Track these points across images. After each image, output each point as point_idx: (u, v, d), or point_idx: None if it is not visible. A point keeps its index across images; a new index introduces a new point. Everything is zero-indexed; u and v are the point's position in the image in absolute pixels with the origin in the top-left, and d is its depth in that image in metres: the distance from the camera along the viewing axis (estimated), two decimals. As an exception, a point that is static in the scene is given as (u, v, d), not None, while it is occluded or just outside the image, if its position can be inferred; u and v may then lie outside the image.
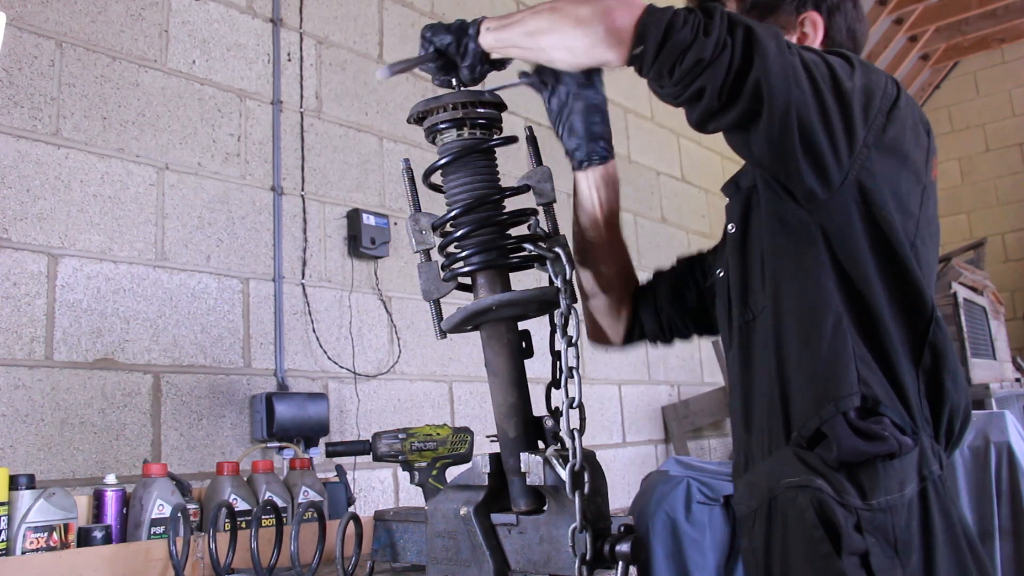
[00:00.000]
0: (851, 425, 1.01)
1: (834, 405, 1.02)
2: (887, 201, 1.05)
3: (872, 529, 1.00)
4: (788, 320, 1.10)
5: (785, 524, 1.06)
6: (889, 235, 1.05)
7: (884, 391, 1.03)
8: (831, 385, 1.04)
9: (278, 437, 2.23)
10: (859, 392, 1.02)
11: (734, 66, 0.95)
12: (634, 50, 0.99)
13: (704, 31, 0.96)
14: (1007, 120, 6.75)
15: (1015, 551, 2.48)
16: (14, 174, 1.93)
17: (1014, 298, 6.45)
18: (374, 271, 2.68)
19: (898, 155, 1.07)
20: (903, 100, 1.08)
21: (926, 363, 1.06)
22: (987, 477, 2.53)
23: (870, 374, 1.03)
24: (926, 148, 1.13)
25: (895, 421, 1.02)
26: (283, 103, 2.52)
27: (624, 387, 3.68)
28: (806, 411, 1.05)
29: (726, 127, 1.01)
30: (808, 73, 0.99)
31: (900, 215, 1.07)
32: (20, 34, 1.99)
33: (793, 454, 1.06)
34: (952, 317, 3.91)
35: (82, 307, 2.00)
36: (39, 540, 1.54)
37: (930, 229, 1.12)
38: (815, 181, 1.03)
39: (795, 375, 1.08)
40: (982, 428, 2.60)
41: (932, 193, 1.14)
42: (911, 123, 1.10)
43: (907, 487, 1.01)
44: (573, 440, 0.97)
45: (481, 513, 1.07)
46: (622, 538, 0.95)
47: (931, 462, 1.04)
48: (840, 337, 1.05)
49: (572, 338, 1.01)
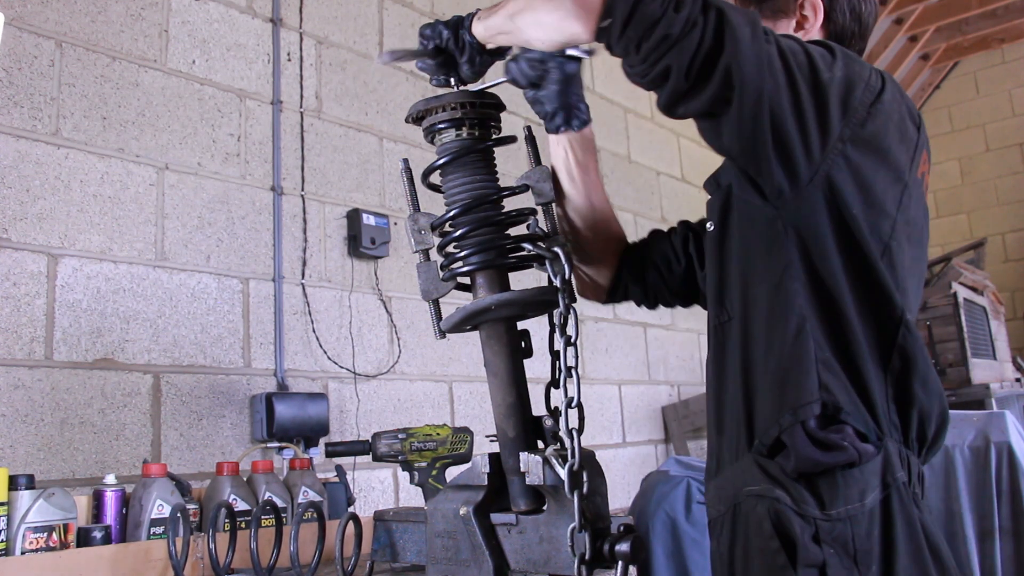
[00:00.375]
0: (809, 435, 0.99)
1: (792, 414, 1.01)
2: (857, 199, 1.02)
3: (831, 540, 0.98)
4: (756, 324, 1.08)
5: (746, 533, 1.05)
6: (859, 234, 1.03)
7: (847, 396, 1.01)
8: (791, 392, 1.02)
9: (278, 437, 2.23)
10: (819, 399, 1.00)
11: (703, 47, 0.92)
12: (601, 22, 0.96)
13: (675, 7, 0.92)
14: (1007, 120, 6.75)
15: (1015, 551, 2.48)
16: (14, 174, 1.93)
17: (1014, 298, 6.45)
18: (374, 271, 2.68)
19: (877, 151, 1.04)
20: (888, 94, 1.05)
21: (895, 367, 1.03)
22: (987, 477, 2.53)
23: (832, 379, 1.01)
24: (913, 143, 1.09)
25: (857, 429, 1.00)
26: (283, 103, 2.52)
27: (624, 387, 3.68)
28: (767, 419, 1.04)
29: (695, 112, 0.98)
30: (784, 62, 0.96)
31: (873, 214, 1.04)
32: (20, 34, 1.99)
33: (755, 462, 1.05)
34: (952, 317, 3.91)
35: (82, 307, 2.00)
36: (39, 540, 1.54)
37: (910, 229, 1.08)
38: (783, 176, 1.00)
39: (759, 380, 1.06)
40: (982, 428, 2.60)
41: (916, 191, 1.09)
42: (896, 118, 1.06)
43: (868, 496, 0.99)
44: (572, 440, 0.97)
45: (481, 513, 1.07)
46: (622, 538, 0.95)
47: (896, 469, 1.01)
48: (802, 341, 1.02)
49: (571, 338, 1.01)
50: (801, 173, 1.00)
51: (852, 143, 1.01)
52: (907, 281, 1.07)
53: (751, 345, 1.08)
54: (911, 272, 1.08)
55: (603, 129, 3.91)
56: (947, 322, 3.91)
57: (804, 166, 1.00)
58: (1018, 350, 5.39)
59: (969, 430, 2.61)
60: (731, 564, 1.07)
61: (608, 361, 3.61)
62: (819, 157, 1.00)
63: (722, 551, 1.10)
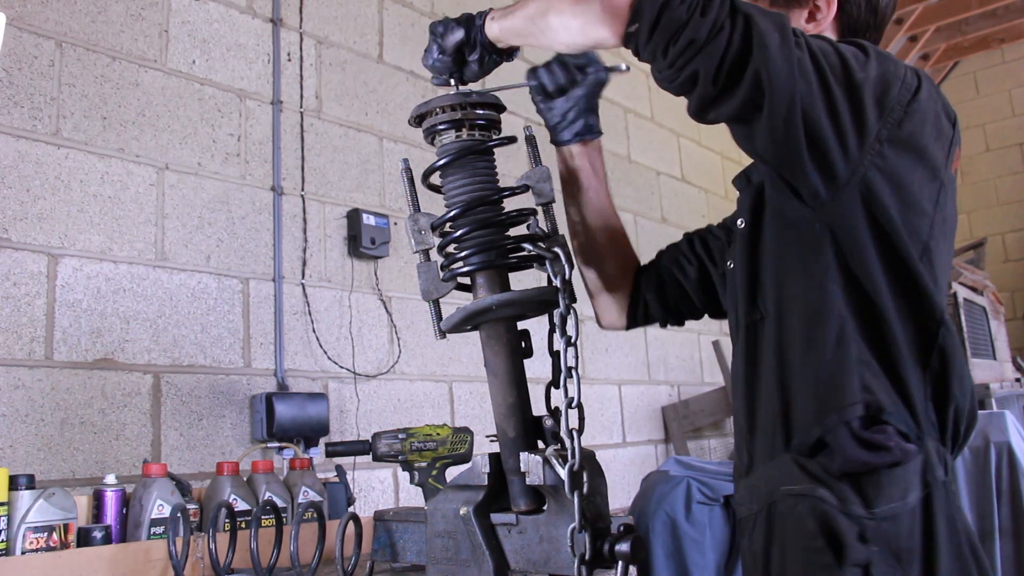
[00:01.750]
0: (854, 435, 0.99)
1: (837, 415, 1.00)
2: (897, 200, 1.01)
3: (876, 538, 0.98)
4: (792, 324, 1.08)
5: (784, 532, 1.05)
6: (897, 236, 1.02)
7: (889, 397, 1.01)
8: (834, 394, 1.02)
9: (278, 437, 2.23)
10: (863, 400, 1.00)
11: (731, 51, 0.92)
12: (629, 27, 0.96)
13: (702, 11, 0.92)
14: (1007, 120, 6.75)
15: (1015, 551, 2.48)
16: (14, 174, 1.93)
17: (1014, 298, 6.44)
18: (374, 271, 2.68)
19: (915, 150, 1.03)
20: (924, 92, 1.03)
21: (934, 367, 1.03)
22: (987, 477, 2.53)
23: (874, 380, 1.01)
24: (949, 140, 1.08)
25: (899, 429, 1.00)
26: (283, 103, 2.52)
27: (624, 387, 3.68)
28: (808, 420, 1.04)
29: (726, 118, 0.98)
30: (815, 64, 0.95)
31: (912, 215, 1.03)
32: (20, 34, 1.99)
33: (793, 461, 1.05)
34: (952, 317, 3.91)
35: (82, 307, 2.00)
36: (39, 540, 1.54)
37: (945, 227, 1.08)
38: (820, 179, 1.00)
39: (798, 382, 1.06)
40: (982, 428, 2.60)
41: (951, 188, 1.09)
42: (933, 116, 1.05)
43: (910, 495, 0.99)
44: (572, 440, 0.97)
45: (481, 513, 1.07)
46: (622, 538, 0.95)
47: (936, 468, 1.02)
48: (843, 343, 1.02)
49: (571, 338, 1.01)
50: (839, 175, 0.99)
51: (889, 143, 1.00)
52: (942, 279, 1.07)
53: (787, 346, 1.08)
54: (946, 269, 1.09)
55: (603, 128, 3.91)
56: (947, 322, 3.90)
57: (842, 168, 0.99)
58: (1018, 350, 5.39)
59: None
60: (767, 564, 1.07)
61: (608, 361, 3.61)
62: (857, 159, 0.99)
63: (755, 550, 1.10)
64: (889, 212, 1.01)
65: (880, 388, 1.01)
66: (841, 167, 0.99)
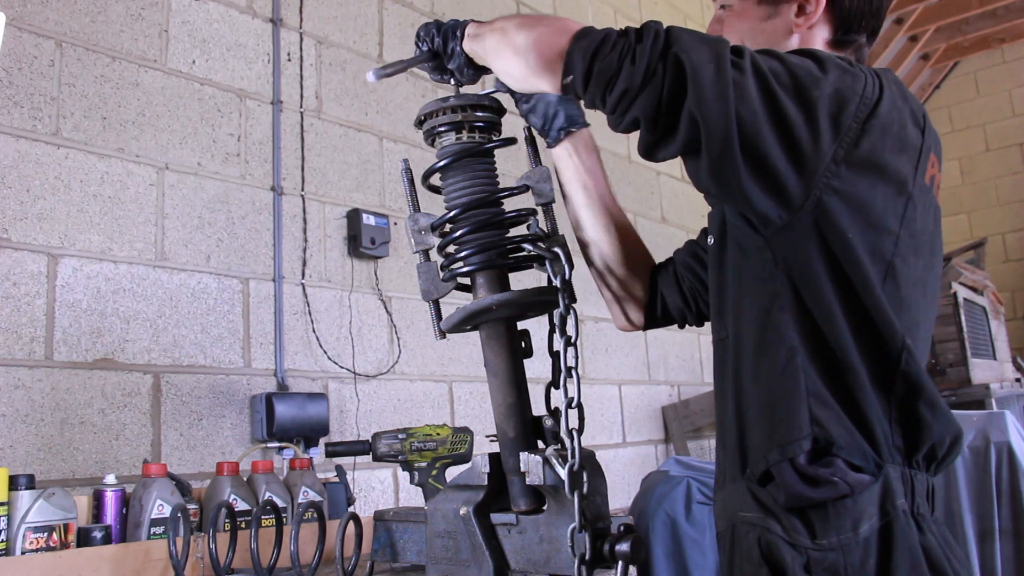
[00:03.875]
0: (798, 471, 0.97)
1: (780, 450, 0.98)
2: (857, 222, 0.97)
3: (822, 570, 0.96)
4: (745, 349, 1.06)
5: (739, 558, 1.05)
6: (854, 262, 0.97)
7: (842, 429, 0.97)
8: (779, 428, 0.99)
9: (278, 437, 2.23)
10: (811, 435, 0.97)
11: (665, 95, 0.89)
12: (564, 79, 0.96)
13: (632, 58, 0.90)
14: (1007, 120, 6.75)
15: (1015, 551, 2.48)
16: (14, 174, 1.93)
17: (1014, 298, 6.45)
18: (374, 271, 2.68)
19: (875, 168, 0.97)
20: (886, 102, 0.98)
21: (899, 392, 0.99)
22: (987, 477, 2.53)
23: (825, 412, 0.98)
24: (917, 149, 1.02)
25: (851, 461, 0.97)
26: (283, 103, 2.52)
27: (624, 387, 3.68)
28: (757, 450, 1.02)
29: (672, 157, 0.96)
30: (762, 86, 0.90)
31: (875, 234, 0.98)
32: (20, 34, 1.99)
33: (747, 489, 1.04)
34: (952, 317, 3.91)
35: (82, 307, 2.00)
36: (39, 540, 1.54)
37: (916, 242, 1.02)
38: (772, 204, 0.95)
39: (749, 410, 1.04)
40: (982, 428, 2.60)
41: (923, 200, 1.03)
42: (896, 128, 0.99)
43: (863, 525, 0.96)
44: (572, 440, 0.97)
45: (481, 513, 1.07)
46: (622, 538, 0.95)
47: (896, 496, 0.98)
48: (791, 375, 0.99)
49: (571, 338, 1.01)
50: (793, 198, 0.95)
51: (846, 163, 0.95)
52: (914, 296, 1.02)
53: (742, 370, 1.07)
54: (920, 284, 1.04)
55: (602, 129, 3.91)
56: (947, 322, 3.91)
57: (796, 191, 0.94)
58: (1018, 350, 5.39)
59: (969, 430, 2.61)
60: None
61: (608, 361, 3.61)
62: (811, 182, 0.94)
63: (723, 566, 1.10)
64: (846, 236, 0.96)
65: (831, 420, 0.98)
66: (795, 190, 0.94)
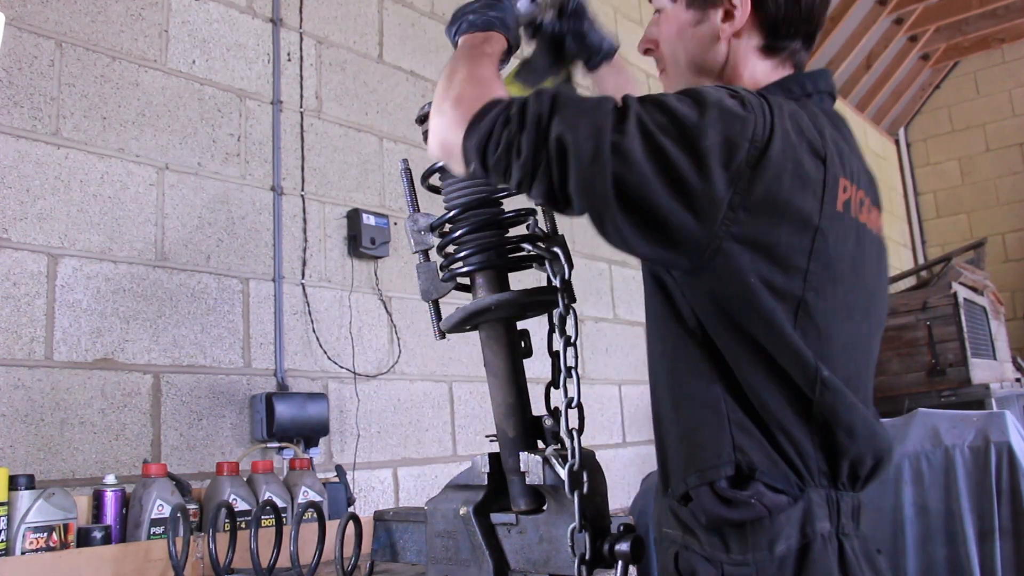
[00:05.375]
0: (716, 494, 0.97)
1: (699, 475, 0.98)
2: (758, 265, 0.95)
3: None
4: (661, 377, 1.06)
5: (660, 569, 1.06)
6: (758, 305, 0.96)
7: (763, 455, 0.97)
8: (699, 453, 0.99)
9: (278, 437, 2.23)
10: (732, 461, 0.97)
11: (555, 179, 0.93)
12: (468, 167, 1.01)
13: (517, 151, 0.94)
14: (1007, 120, 6.75)
15: (1015, 551, 2.48)
16: (14, 174, 1.93)
17: (1014, 298, 6.45)
18: (374, 271, 2.68)
19: (773, 209, 0.94)
20: (778, 141, 0.94)
21: (817, 420, 0.99)
22: (987, 477, 2.53)
23: (747, 439, 0.97)
24: (820, 182, 0.98)
25: (772, 485, 0.97)
26: (283, 103, 2.52)
27: (624, 387, 3.68)
28: (676, 472, 1.02)
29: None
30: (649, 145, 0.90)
31: (781, 273, 0.96)
32: (20, 34, 1.99)
33: (668, 507, 1.04)
34: (952, 317, 3.91)
35: (82, 307, 2.00)
36: (39, 540, 1.54)
37: (832, 272, 1.00)
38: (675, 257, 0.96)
39: (668, 433, 1.04)
40: (982, 428, 2.60)
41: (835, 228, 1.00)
42: (792, 165, 0.95)
43: (779, 545, 0.96)
44: (572, 440, 0.97)
45: (481, 513, 1.07)
46: (622, 537, 0.95)
47: (816, 519, 0.98)
48: (712, 403, 0.99)
49: (570, 338, 1.02)
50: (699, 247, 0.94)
51: (744, 209, 0.93)
52: (835, 323, 1.01)
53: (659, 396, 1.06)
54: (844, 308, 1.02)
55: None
56: (947, 322, 3.91)
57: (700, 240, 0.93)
58: (1018, 350, 5.39)
59: (969, 430, 2.61)
60: None
61: (608, 361, 3.62)
62: (712, 230, 0.92)
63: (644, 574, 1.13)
64: (747, 281, 0.95)
65: (754, 447, 0.97)
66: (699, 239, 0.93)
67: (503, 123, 0.96)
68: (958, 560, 2.49)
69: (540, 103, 0.95)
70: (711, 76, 1.14)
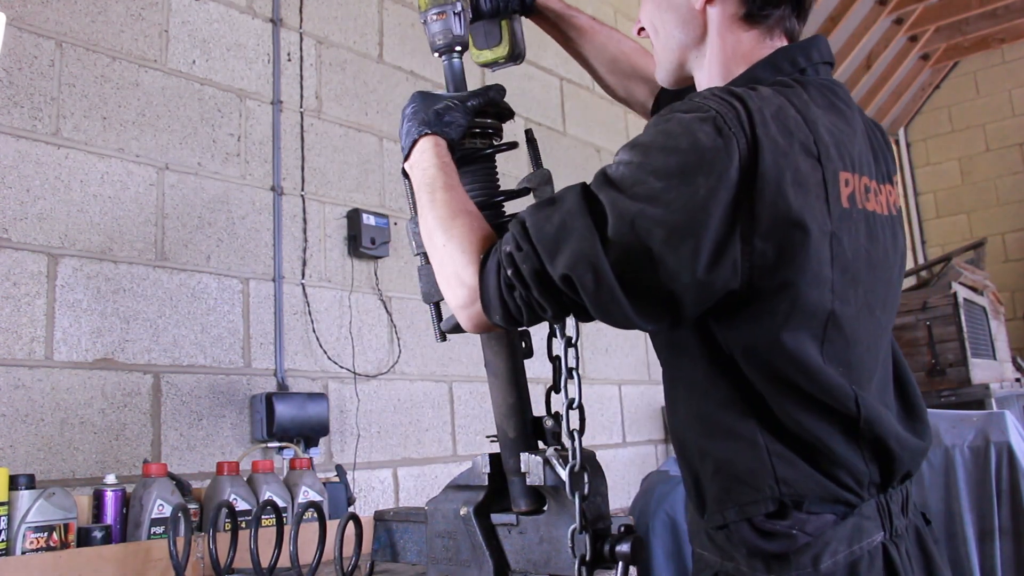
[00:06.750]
0: (755, 528, 0.95)
1: (738, 510, 0.95)
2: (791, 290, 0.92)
3: None
4: (681, 401, 1.03)
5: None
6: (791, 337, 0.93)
7: (812, 483, 0.94)
8: (738, 487, 0.96)
9: (278, 437, 2.23)
10: (775, 496, 0.94)
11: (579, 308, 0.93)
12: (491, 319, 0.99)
13: (541, 308, 0.94)
14: (1007, 120, 6.75)
15: (1015, 551, 2.49)
16: (14, 174, 1.93)
17: (1014, 298, 6.45)
18: (374, 271, 2.68)
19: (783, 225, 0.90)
20: (766, 157, 0.89)
21: (866, 436, 0.97)
22: (987, 477, 2.53)
23: (791, 471, 0.94)
24: (820, 182, 0.93)
25: (813, 510, 0.95)
26: (283, 103, 2.52)
27: (624, 387, 3.68)
28: (713, 503, 0.99)
29: None
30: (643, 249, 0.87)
31: (813, 289, 0.92)
32: (20, 34, 1.99)
33: (704, 531, 1.02)
34: (952, 317, 3.91)
35: (82, 307, 2.00)
36: (39, 540, 1.54)
37: (850, 273, 0.96)
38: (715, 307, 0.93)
39: (699, 460, 1.00)
40: (982, 428, 2.60)
41: (846, 227, 0.95)
42: (789, 174, 0.90)
43: (824, 562, 0.94)
44: (573, 441, 0.97)
45: (481, 513, 1.08)
46: (622, 538, 0.95)
47: (866, 534, 0.95)
48: (748, 437, 0.96)
49: (571, 339, 1.01)
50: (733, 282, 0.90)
51: (757, 236, 0.89)
52: (860, 326, 0.98)
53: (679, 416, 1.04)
54: (865, 307, 0.99)
55: (603, 121, 3.91)
56: (947, 322, 3.91)
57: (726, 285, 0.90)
58: (1018, 350, 5.39)
59: (969, 430, 2.62)
60: None
61: (608, 361, 3.62)
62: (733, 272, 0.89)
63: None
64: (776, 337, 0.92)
65: (800, 477, 0.94)
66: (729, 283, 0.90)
67: (508, 288, 0.94)
68: (958, 560, 2.50)
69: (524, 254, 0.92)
70: (694, 51, 1.08)
